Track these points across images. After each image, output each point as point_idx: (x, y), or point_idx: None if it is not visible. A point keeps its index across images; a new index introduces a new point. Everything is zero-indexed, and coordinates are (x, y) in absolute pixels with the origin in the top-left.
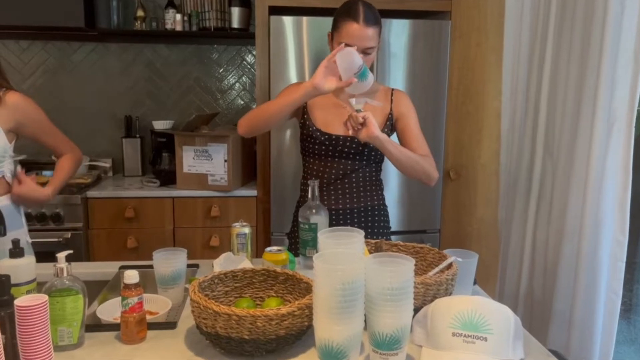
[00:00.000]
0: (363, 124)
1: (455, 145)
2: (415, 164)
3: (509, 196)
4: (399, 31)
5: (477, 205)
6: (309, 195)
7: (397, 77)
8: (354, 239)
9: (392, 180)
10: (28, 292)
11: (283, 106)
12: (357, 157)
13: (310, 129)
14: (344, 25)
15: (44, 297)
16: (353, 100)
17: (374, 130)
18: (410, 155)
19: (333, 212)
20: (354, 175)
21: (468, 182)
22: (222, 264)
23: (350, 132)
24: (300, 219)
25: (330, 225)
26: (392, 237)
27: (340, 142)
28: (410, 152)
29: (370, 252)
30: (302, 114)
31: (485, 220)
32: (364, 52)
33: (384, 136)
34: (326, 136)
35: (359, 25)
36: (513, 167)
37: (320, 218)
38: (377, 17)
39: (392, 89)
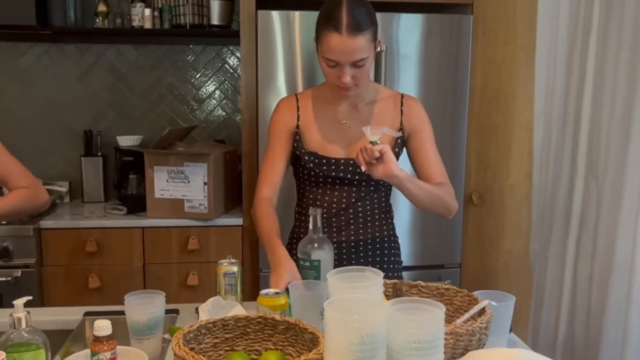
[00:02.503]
0: (379, 159)
1: (478, 164)
2: (436, 199)
3: (544, 224)
4: (410, 27)
5: (505, 235)
6: (310, 227)
7: (408, 82)
8: (371, 281)
9: (402, 206)
10: None
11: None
12: (363, 184)
13: (303, 150)
14: (324, 36)
15: (0, 355)
16: (368, 129)
17: (393, 168)
18: (431, 190)
19: (334, 244)
20: (359, 204)
21: (494, 207)
22: (210, 310)
23: (363, 168)
24: (299, 255)
25: (335, 259)
26: (404, 274)
27: (342, 167)
28: (431, 187)
29: (388, 296)
30: (293, 134)
31: (515, 253)
32: (355, 65)
33: (403, 174)
34: (324, 160)
35: (342, 36)
36: (548, 190)
37: (324, 254)
38: (367, 17)
39: (402, 95)
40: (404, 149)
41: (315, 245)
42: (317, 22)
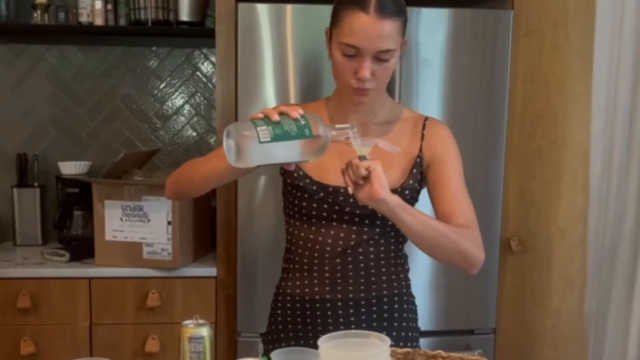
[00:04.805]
0: (366, 178)
1: (519, 201)
2: (446, 240)
3: (602, 278)
4: (432, 26)
5: (553, 291)
6: None
7: (429, 95)
8: (376, 349)
9: (420, 256)
10: None
11: (209, 172)
12: (367, 221)
13: (296, 174)
14: (346, 17)
15: None
16: (358, 141)
17: (380, 190)
18: (438, 228)
19: (331, 302)
20: (360, 249)
21: (539, 256)
22: None
23: (349, 189)
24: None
25: (329, 323)
26: (422, 341)
27: (341, 198)
28: (439, 223)
29: None
30: None
31: (566, 314)
32: (378, 57)
33: (394, 199)
34: (321, 187)
35: (369, 17)
36: (608, 233)
37: None
38: (399, 3)
39: (425, 118)
40: (424, 187)
41: None
42: (337, 3)
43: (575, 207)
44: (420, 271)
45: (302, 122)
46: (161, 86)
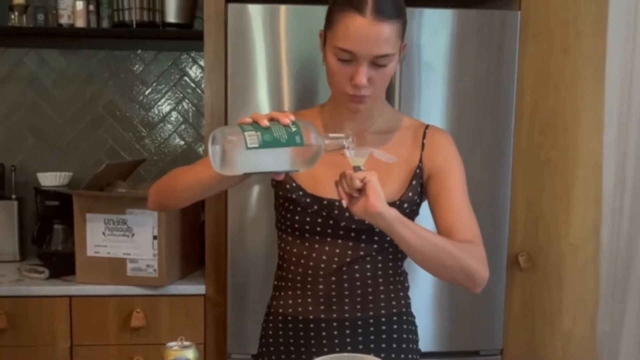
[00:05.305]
0: (361, 191)
1: (527, 214)
2: (447, 256)
3: (616, 297)
4: (435, 28)
5: (564, 310)
6: None
7: (432, 102)
8: None
9: (421, 273)
10: None
11: (194, 181)
12: (364, 237)
13: (288, 186)
14: (342, 19)
15: None
16: (351, 152)
17: (376, 203)
18: (439, 243)
19: (325, 323)
20: (356, 266)
21: (548, 274)
22: None
23: (344, 202)
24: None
25: (324, 344)
26: None
27: (336, 211)
28: (441, 238)
29: None
30: None
31: (577, 336)
32: (375, 62)
33: (391, 213)
34: (315, 200)
35: (366, 19)
36: (622, 250)
37: None
38: (397, 4)
39: (426, 127)
40: (425, 200)
41: None
42: (332, 4)
43: (587, 221)
44: (422, 289)
45: (293, 129)
46: (147, 92)
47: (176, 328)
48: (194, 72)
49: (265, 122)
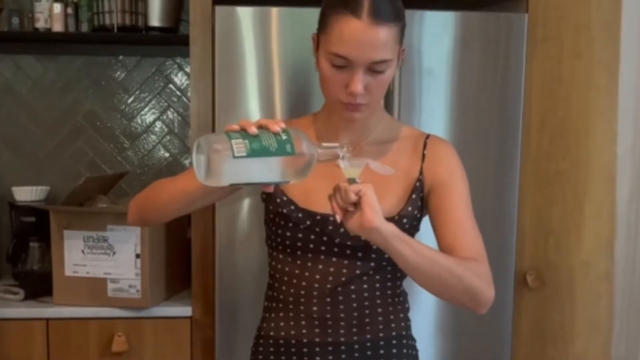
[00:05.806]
0: (357, 204)
1: (536, 230)
2: (449, 275)
3: (632, 318)
4: (437, 32)
5: (576, 332)
6: None
7: (433, 110)
8: None
9: (423, 292)
10: None
11: (177, 193)
12: (360, 254)
13: (279, 200)
14: (336, 23)
15: None
16: (346, 162)
17: (372, 217)
18: (439, 260)
19: (320, 347)
20: (353, 285)
21: (559, 293)
22: None
23: (338, 217)
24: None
25: None
26: None
27: (330, 227)
28: (440, 255)
29: None
30: None
31: (591, 358)
32: (371, 69)
33: (388, 228)
34: (308, 215)
35: (362, 22)
36: (638, 266)
37: None
38: (395, 7)
39: (427, 137)
40: (426, 215)
41: None
42: (325, 7)
43: (601, 237)
44: (423, 310)
45: (284, 137)
46: (129, 100)
47: (161, 353)
48: (180, 79)
49: (253, 130)
